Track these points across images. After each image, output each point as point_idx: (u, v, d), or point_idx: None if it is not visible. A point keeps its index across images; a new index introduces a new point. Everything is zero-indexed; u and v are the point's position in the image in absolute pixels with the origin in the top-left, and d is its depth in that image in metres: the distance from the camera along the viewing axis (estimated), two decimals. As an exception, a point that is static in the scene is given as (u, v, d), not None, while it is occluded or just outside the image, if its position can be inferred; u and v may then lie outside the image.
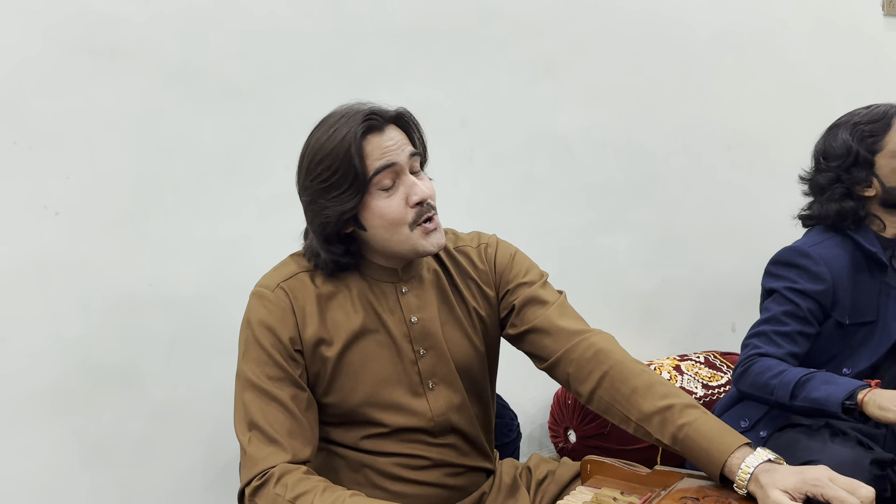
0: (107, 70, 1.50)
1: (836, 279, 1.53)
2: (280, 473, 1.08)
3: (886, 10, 2.92)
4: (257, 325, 1.15)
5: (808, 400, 1.38)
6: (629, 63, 2.25)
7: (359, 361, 1.19)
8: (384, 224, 1.14)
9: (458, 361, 1.25)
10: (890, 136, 1.53)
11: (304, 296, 1.17)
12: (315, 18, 1.73)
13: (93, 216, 1.51)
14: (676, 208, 2.37)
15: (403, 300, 1.22)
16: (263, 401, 1.12)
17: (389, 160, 1.13)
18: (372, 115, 1.13)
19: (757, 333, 1.53)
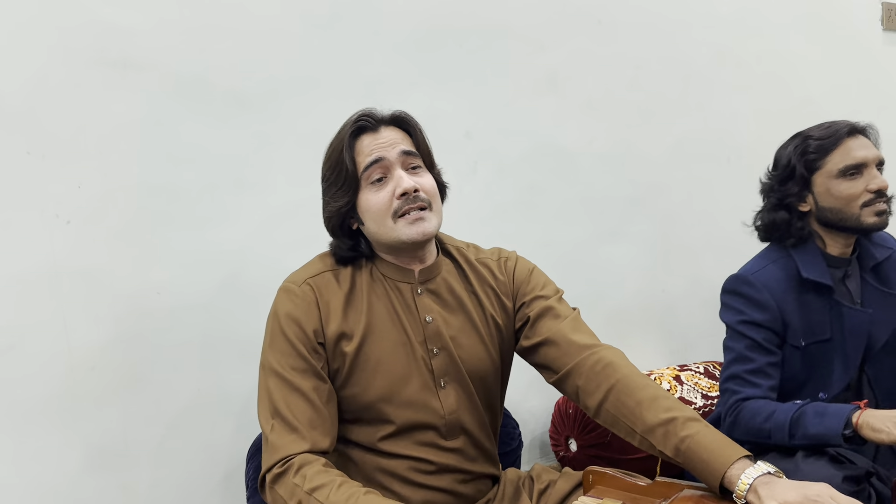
0: (119, 81, 1.53)
1: (781, 303, 1.52)
2: (300, 464, 1.12)
3: (885, 25, 2.95)
4: (284, 318, 1.20)
5: (807, 437, 1.39)
6: (630, 77, 2.28)
7: (375, 357, 1.23)
8: (372, 216, 1.21)
9: (471, 365, 1.28)
10: (832, 156, 1.51)
11: (329, 293, 1.23)
12: (323, 32, 1.76)
13: (103, 225, 1.53)
14: (676, 220, 2.40)
15: (419, 300, 1.26)
16: (287, 390, 1.17)
17: (376, 156, 1.20)
18: (363, 117, 1.23)
19: (731, 377, 1.53)
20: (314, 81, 1.75)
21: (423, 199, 1.21)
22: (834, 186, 1.51)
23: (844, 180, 1.50)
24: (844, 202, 1.50)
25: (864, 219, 1.50)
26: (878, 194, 1.49)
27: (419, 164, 1.24)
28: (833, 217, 1.53)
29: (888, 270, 1.60)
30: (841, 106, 2.75)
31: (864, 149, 1.50)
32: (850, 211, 1.50)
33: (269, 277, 1.69)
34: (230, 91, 1.65)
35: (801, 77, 2.68)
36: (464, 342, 1.28)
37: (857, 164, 1.49)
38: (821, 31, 2.74)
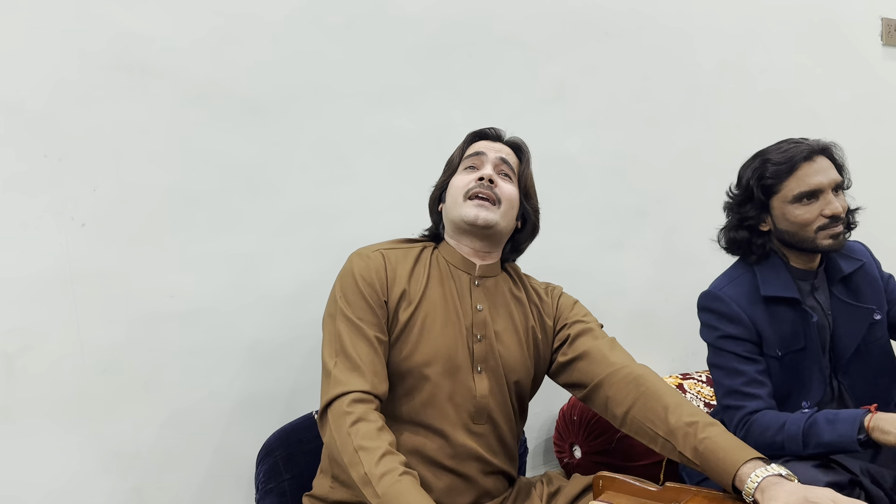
0: (136, 87, 1.55)
1: (752, 315, 1.55)
2: (359, 417, 1.17)
3: (885, 41, 2.99)
4: (357, 274, 1.32)
5: (821, 446, 1.40)
6: (637, 88, 2.31)
7: (426, 325, 1.32)
8: (451, 192, 1.40)
9: (507, 361, 1.36)
10: (788, 182, 1.52)
11: (397, 261, 1.36)
12: (336, 41, 1.78)
13: (118, 228, 1.54)
14: (680, 230, 2.42)
15: (475, 291, 1.37)
16: (354, 333, 1.26)
17: (479, 150, 1.41)
18: (490, 128, 1.48)
19: (728, 393, 1.55)
20: (327, 88, 1.77)
21: (495, 193, 1.35)
22: (789, 211, 1.53)
23: (800, 206, 1.52)
24: (799, 227, 1.53)
25: (820, 241, 1.52)
26: (832, 219, 1.50)
27: (511, 174, 1.40)
28: (790, 239, 1.56)
29: (858, 282, 1.62)
30: (841, 118, 2.79)
31: (819, 174, 1.51)
32: (805, 234, 1.53)
33: (282, 282, 1.72)
34: (245, 97, 1.66)
35: (803, 89, 2.72)
36: (505, 339, 1.37)
37: (811, 191, 1.51)
38: (822, 44, 2.78)
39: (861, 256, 1.65)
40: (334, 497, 1.32)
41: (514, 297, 1.42)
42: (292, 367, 1.74)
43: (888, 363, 1.66)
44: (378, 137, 1.85)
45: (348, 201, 1.80)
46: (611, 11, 2.24)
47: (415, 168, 1.89)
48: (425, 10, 1.91)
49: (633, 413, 1.29)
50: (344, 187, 1.80)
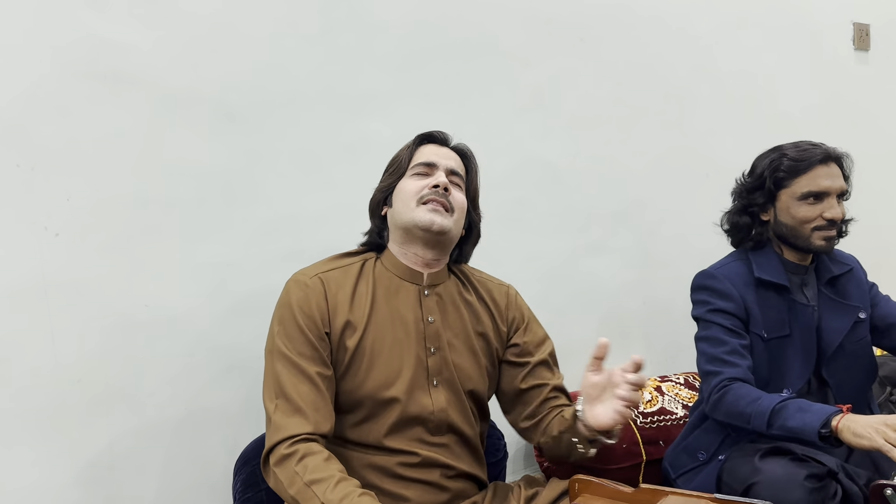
0: (109, 95, 1.54)
1: (743, 294, 1.62)
2: (304, 453, 1.16)
3: (856, 45, 3.04)
4: (293, 306, 1.27)
5: (784, 429, 1.44)
6: (613, 94, 2.33)
7: (374, 349, 1.29)
8: (403, 197, 1.35)
9: (462, 370, 1.36)
10: (800, 181, 1.61)
11: (338, 286, 1.31)
12: (311, 47, 1.79)
13: (92, 237, 1.53)
14: (657, 234, 2.45)
15: (424, 302, 1.34)
16: (293, 373, 1.22)
17: (431, 160, 1.37)
18: (435, 132, 1.42)
19: (710, 359, 1.60)
20: (303, 96, 1.77)
21: (448, 201, 1.33)
22: (794, 207, 1.62)
23: (804, 204, 1.60)
24: (799, 223, 1.61)
25: (813, 241, 1.61)
26: (830, 223, 1.59)
27: (460, 184, 1.38)
28: (787, 232, 1.64)
29: (845, 284, 1.70)
30: (815, 122, 2.83)
31: (830, 178, 1.60)
32: (802, 231, 1.61)
33: (258, 290, 1.71)
34: (220, 105, 1.66)
35: (777, 94, 2.75)
36: (458, 348, 1.35)
37: (819, 192, 1.60)
38: (794, 49, 2.82)
39: (850, 262, 1.74)
40: None
41: (464, 301, 1.40)
42: (270, 375, 1.73)
43: (869, 363, 1.71)
44: (355, 144, 1.85)
45: (325, 208, 1.81)
46: (586, 18, 2.26)
47: (392, 175, 1.90)
48: (401, 18, 1.92)
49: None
50: (320, 194, 1.80)
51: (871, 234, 1.72)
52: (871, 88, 3.08)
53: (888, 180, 3.08)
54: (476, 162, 1.46)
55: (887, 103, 3.16)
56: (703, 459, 1.64)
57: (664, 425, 2.00)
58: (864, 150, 2.85)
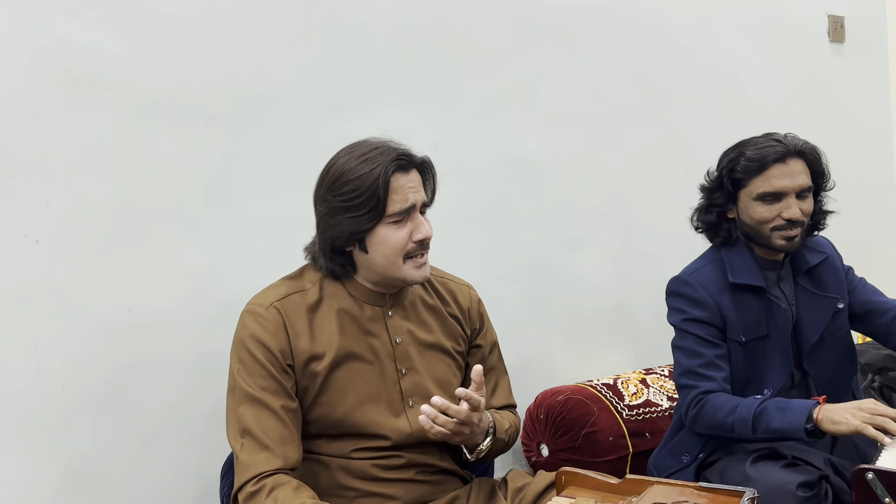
0: (86, 100, 1.53)
1: (718, 301, 1.60)
2: (273, 485, 1.14)
3: (832, 37, 3.08)
4: (251, 340, 1.22)
5: (769, 431, 1.45)
6: (592, 90, 2.34)
7: (345, 378, 1.26)
8: (385, 251, 1.25)
9: (438, 381, 1.33)
10: (755, 181, 1.57)
11: (296, 315, 1.25)
12: (290, 49, 1.78)
13: (73, 244, 1.52)
14: (638, 228, 2.46)
15: (390, 322, 1.31)
16: (257, 409, 1.19)
17: (411, 202, 1.25)
18: (403, 156, 1.26)
19: (685, 373, 1.59)
20: (283, 98, 1.77)
21: (428, 248, 1.29)
22: (751, 207, 1.59)
23: (761, 204, 1.57)
24: (757, 223, 1.59)
25: (774, 241, 1.59)
26: (789, 222, 1.56)
27: (425, 210, 1.33)
28: (749, 232, 1.62)
29: (822, 273, 1.68)
30: (791, 114, 2.86)
31: (786, 177, 1.55)
32: (761, 231, 1.59)
33: (241, 293, 1.69)
34: (198, 108, 1.66)
35: (754, 87, 2.78)
36: (430, 360, 1.34)
37: (775, 193, 1.56)
38: (771, 42, 2.85)
39: (825, 250, 1.71)
40: None
41: (428, 308, 1.37)
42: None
43: (849, 351, 1.72)
44: (335, 146, 1.83)
45: (306, 210, 1.79)
46: (563, 16, 2.28)
47: (373, 174, 1.90)
48: (380, 18, 1.92)
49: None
50: (301, 196, 1.79)
51: (847, 223, 1.74)
52: (846, 80, 3.12)
53: (863, 170, 3.12)
54: (434, 169, 1.35)
55: (862, 94, 3.20)
56: (686, 462, 1.64)
57: (650, 417, 2.02)
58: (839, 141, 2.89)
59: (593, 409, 1.94)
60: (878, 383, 2.39)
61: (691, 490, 1.19)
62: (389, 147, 1.26)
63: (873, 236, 3.19)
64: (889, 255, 3.32)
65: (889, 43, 3.31)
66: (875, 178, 3.26)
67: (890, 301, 1.73)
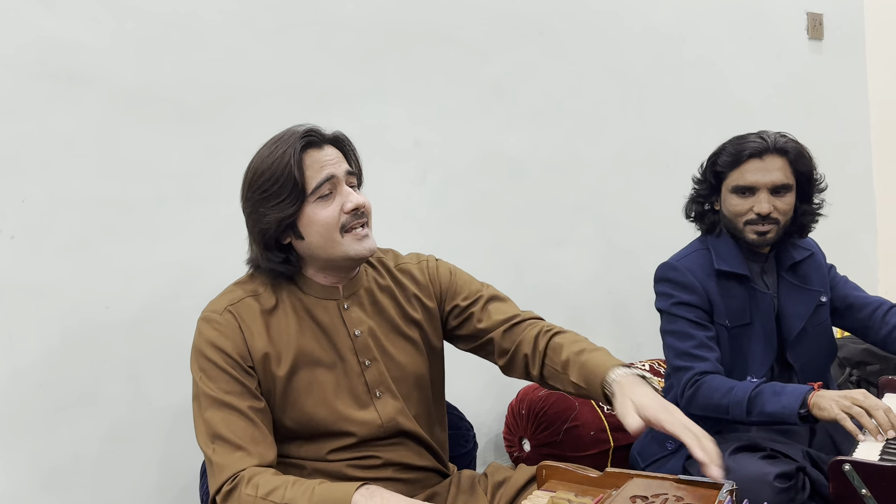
0: (63, 94, 1.52)
1: (705, 285, 1.65)
2: (250, 476, 1.13)
3: (810, 35, 3.11)
4: (208, 347, 1.20)
5: (764, 415, 1.47)
6: (574, 86, 2.35)
7: (307, 378, 1.24)
8: (319, 230, 1.22)
9: (402, 371, 1.32)
10: (732, 174, 1.64)
11: (251, 317, 1.23)
12: (270, 43, 1.77)
13: (49, 239, 1.51)
14: (620, 224, 2.48)
15: (346, 315, 1.29)
16: (224, 413, 1.17)
17: (329, 173, 1.22)
18: (310, 132, 1.23)
19: (679, 354, 1.62)
20: (262, 92, 1.76)
21: (365, 217, 1.25)
22: (728, 200, 1.66)
23: (736, 197, 1.64)
24: (733, 216, 1.65)
25: (746, 234, 1.64)
26: (759, 217, 1.61)
27: (356, 183, 1.29)
28: (727, 224, 1.68)
29: (806, 269, 1.73)
30: (771, 111, 2.88)
31: (759, 173, 1.61)
32: (735, 224, 1.65)
33: (220, 289, 1.69)
34: (178, 102, 1.64)
35: (734, 84, 2.80)
36: (392, 349, 1.31)
37: (747, 187, 1.62)
38: (750, 39, 2.87)
39: (810, 247, 1.77)
40: None
41: (385, 294, 1.33)
42: (236, 374, 1.72)
43: (831, 346, 1.76)
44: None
45: (288, 205, 1.79)
46: (545, 12, 2.28)
47: (355, 170, 1.89)
48: (360, 13, 1.92)
49: (545, 369, 1.30)
50: (283, 191, 1.79)
51: (826, 220, 1.75)
52: (825, 77, 3.15)
53: (843, 166, 3.15)
54: (351, 142, 1.30)
55: (841, 91, 3.24)
56: (671, 448, 1.66)
57: (631, 412, 2.02)
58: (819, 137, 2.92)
59: (575, 404, 1.95)
60: (856, 377, 2.42)
61: (670, 483, 1.19)
62: (295, 129, 1.23)
63: (852, 233, 3.22)
64: (867, 251, 3.36)
65: (867, 40, 3.34)
66: (854, 176, 3.29)
67: (869, 297, 1.78)
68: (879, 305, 1.75)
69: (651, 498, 1.14)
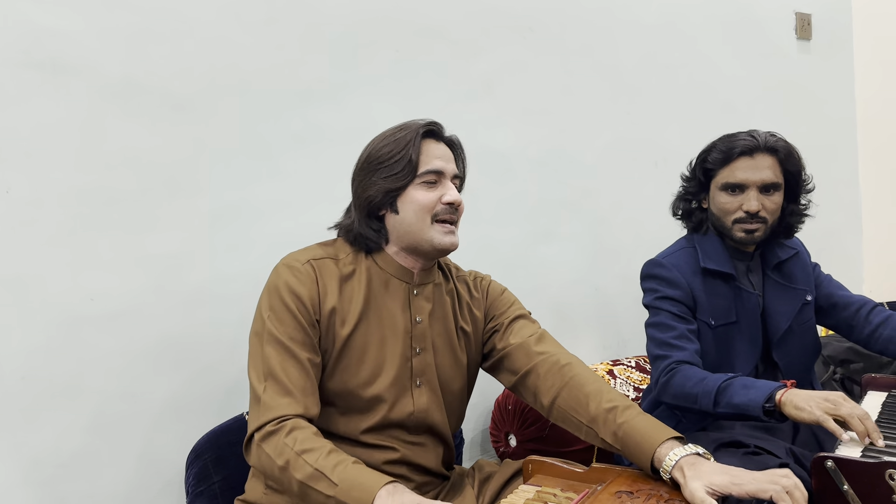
0: (49, 84, 1.50)
1: (690, 282, 1.66)
2: (292, 427, 1.15)
3: (799, 35, 3.12)
4: (286, 290, 1.24)
5: (730, 406, 1.48)
6: (562, 84, 2.35)
7: (362, 347, 1.28)
8: (415, 209, 1.30)
9: (444, 370, 1.35)
10: (722, 171, 1.65)
11: (328, 275, 1.29)
12: (258, 35, 1.76)
13: (33, 230, 1.49)
14: (608, 222, 2.48)
15: (413, 300, 1.33)
16: (284, 356, 1.21)
17: (439, 167, 1.31)
18: (433, 124, 1.34)
19: (659, 344, 1.63)
20: (249, 84, 1.75)
21: (457, 216, 1.33)
22: (717, 197, 1.67)
23: (726, 195, 1.65)
24: (722, 213, 1.67)
25: (734, 232, 1.66)
26: (748, 215, 1.63)
27: (458, 185, 1.36)
28: (715, 221, 1.70)
29: (791, 267, 1.74)
30: (759, 110, 2.90)
31: (749, 171, 1.62)
32: (724, 222, 1.67)
33: (206, 282, 1.69)
34: (163, 93, 1.63)
35: (723, 82, 2.81)
36: (442, 348, 1.35)
37: (736, 184, 1.64)
38: (740, 39, 2.88)
39: (796, 246, 1.78)
40: (268, 503, 1.29)
41: (447, 294, 1.39)
42: (220, 369, 1.71)
43: (816, 344, 1.77)
44: (303, 133, 1.84)
45: (274, 199, 1.79)
46: (535, 9, 2.28)
47: (341, 163, 1.88)
48: (349, 6, 1.91)
49: (558, 402, 1.30)
50: (269, 184, 1.78)
51: (811, 219, 1.77)
52: (813, 77, 3.17)
53: (830, 166, 3.17)
54: (464, 151, 1.41)
55: (828, 91, 3.26)
56: None
57: (617, 408, 2.03)
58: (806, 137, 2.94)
59: (561, 400, 1.95)
60: (840, 375, 2.44)
61: (655, 479, 1.20)
62: (419, 121, 1.34)
63: (837, 232, 3.25)
64: (853, 251, 3.39)
65: (855, 40, 3.37)
66: (840, 175, 3.32)
67: (853, 296, 1.79)
68: (863, 304, 1.76)
69: (635, 494, 1.14)
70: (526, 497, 1.18)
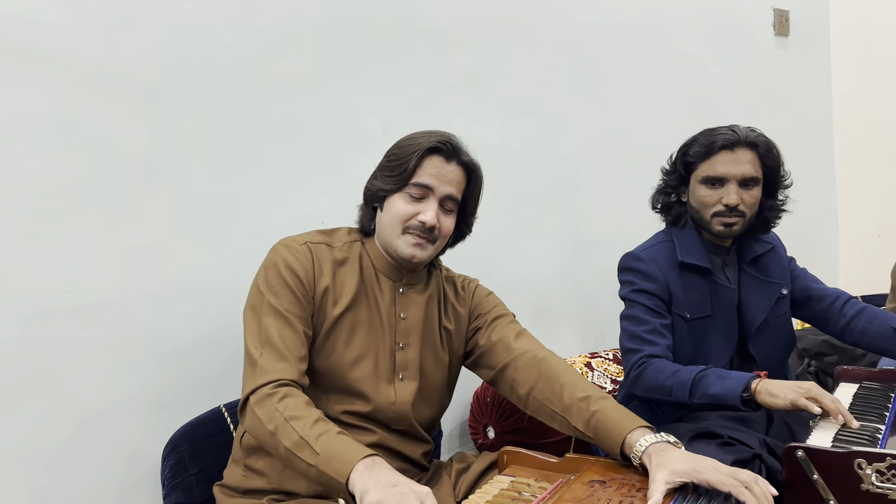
0: (21, 73, 1.48)
1: (667, 276, 1.68)
2: (286, 394, 1.18)
3: (777, 31, 3.15)
4: (284, 267, 1.28)
5: (706, 397, 1.50)
6: (542, 77, 2.36)
7: (349, 332, 1.31)
8: (390, 216, 1.33)
9: (428, 369, 1.38)
10: (703, 165, 1.67)
11: (323, 258, 1.33)
12: (234, 25, 1.75)
13: (7, 221, 1.47)
14: (587, 215, 2.50)
15: (399, 298, 1.36)
16: (282, 324, 1.24)
17: (428, 183, 1.32)
18: (445, 142, 1.33)
19: (631, 337, 1.65)
20: (226, 75, 1.74)
21: (433, 235, 1.33)
22: (697, 191, 1.68)
23: (706, 188, 1.67)
24: (701, 206, 1.68)
25: (713, 225, 1.67)
26: (727, 208, 1.64)
27: (454, 207, 1.36)
28: (694, 215, 1.71)
29: (767, 262, 1.76)
30: (737, 106, 2.92)
31: (729, 164, 1.64)
32: (703, 215, 1.68)
33: (182, 274, 1.68)
34: (139, 83, 1.62)
35: (701, 78, 2.83)
36: (425, 345, 1.38)
37: (716, 178, 1.65)
38: (719, 34, 2.90)
39: (771, 241, 1.80)
40: (247, 485, 1.32)
41: (434, 294, 1.43)
42: (196, 361, 1.70)
43: (791, 338, 1.80)
44: (282, 125, 1.83)
45: (252, 191, 1.78)
46: (515, 1, 2.28)
47: (321, 156, 1.88)
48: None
49: (534, 393, 1.33)
50: (247, 176, 1.78)
51: (788, 214, 1.79)
52: (790, 73, 3.20)
53: (806, 161, 3.21)
54: (481, 173, 1.42)
55: (805, 87, 3.29)
56: None
57: (595, 400, 2.04)
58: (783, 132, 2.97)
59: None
60: (815, 368, 2.47)
61: (628, 468, 1.21)
62: (440, 132, 1.35)
63: (813, 227, 3.29)
64: (829, 245, 3.43)
65: (832, 37, 3.40)
66: (816, 171, 3.36)
67: (828, 289, 1.81)
68: (838, 297, 1.79)
69: (608, 483, 1.16)
70: (501, 487, 1.19)
